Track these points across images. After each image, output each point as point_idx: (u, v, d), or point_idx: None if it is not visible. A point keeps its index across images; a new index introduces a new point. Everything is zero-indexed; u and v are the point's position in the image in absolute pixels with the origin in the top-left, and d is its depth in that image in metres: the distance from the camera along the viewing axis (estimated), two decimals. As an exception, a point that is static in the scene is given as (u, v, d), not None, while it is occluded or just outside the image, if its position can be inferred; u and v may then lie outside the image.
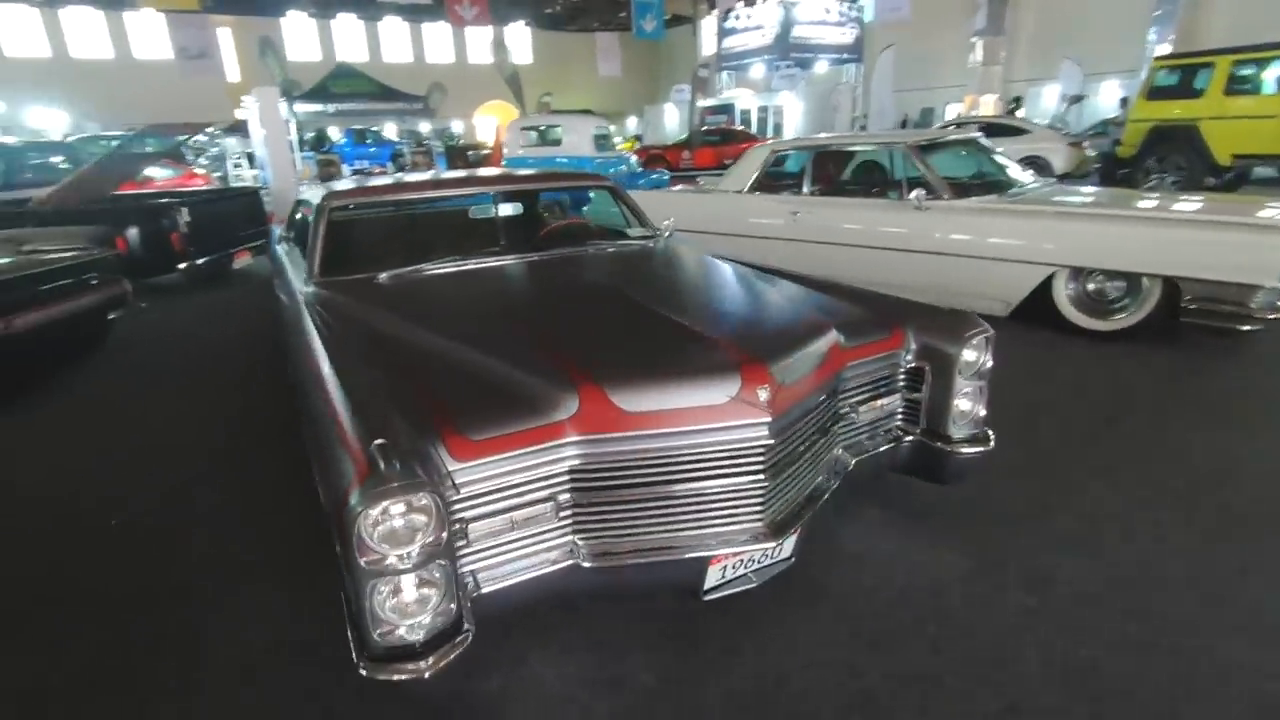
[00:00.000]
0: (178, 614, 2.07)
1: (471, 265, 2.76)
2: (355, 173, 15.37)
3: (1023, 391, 3.45)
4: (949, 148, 5.17)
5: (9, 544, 2.52)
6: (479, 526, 1.59)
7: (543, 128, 9.47)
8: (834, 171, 5.55)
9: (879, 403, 2.22)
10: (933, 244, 4.59)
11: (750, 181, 5.71)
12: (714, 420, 1.67)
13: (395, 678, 1.37)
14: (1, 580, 2.30)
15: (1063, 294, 4.33)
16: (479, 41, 32.56)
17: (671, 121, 21.34)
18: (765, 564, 1.89)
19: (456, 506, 1.54)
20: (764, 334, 2.02)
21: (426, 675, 1.38)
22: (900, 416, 2.28)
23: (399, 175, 4.91)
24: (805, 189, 5.38)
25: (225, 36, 27.76)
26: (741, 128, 18.19)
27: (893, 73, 15.37)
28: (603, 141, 9.39)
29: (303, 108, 13.16)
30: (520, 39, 33.83)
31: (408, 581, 1.40)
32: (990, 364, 2.23)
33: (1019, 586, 2.06)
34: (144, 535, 2.52)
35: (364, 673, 1.37)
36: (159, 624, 2.03)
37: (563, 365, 1.74)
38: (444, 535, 1.40)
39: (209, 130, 17.33)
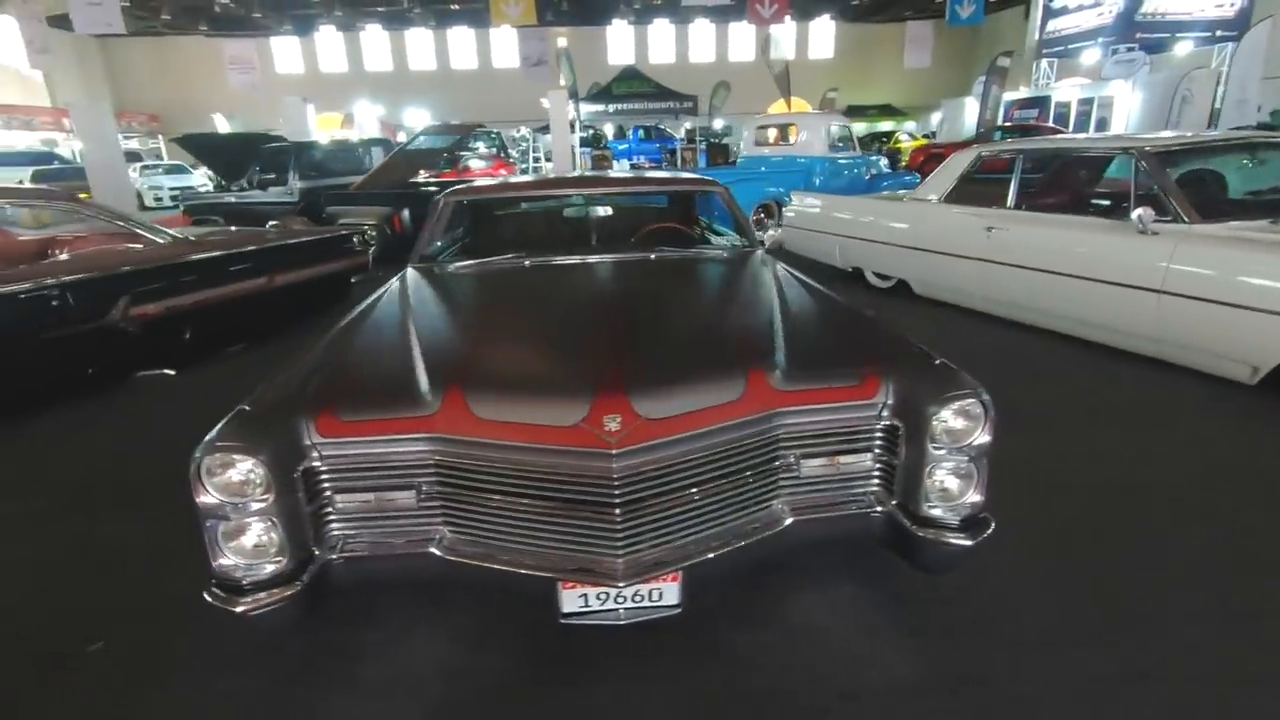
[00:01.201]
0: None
1: (530, 262, 2.96)
2: (633, 168, 16.67)
3: (1235, 495, 2.58)
4: (1220, 154, 3.93)
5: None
6: (347, 499, 1.77)
7: (777, 126, 9.27)
8: (1051, 181, 4.59)
9: (841, 459, 1.89)
10: (1155, 278, 3.57)
11: (948, 190, 4.99)
12: (560, 442, 1.63)
13: (218, 604, 1.63)
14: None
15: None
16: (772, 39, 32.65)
17: (974, 116, 19.08)
18: (640, 605, 1.78)
19: (324, 477, 1.74)
20: (661, 362, 1.86)
21: (239, 610, 1.61)
22: (877, 482, 1.92)
23: (523, 176, 5.34)
24: (1008, 201, 4.55)
25: (562, 46, 32.15)
26: (1052, 125, 15.56)
27: (1265, 51, 11.70)
28: (841, 141, 8.87)
29: (587, 108, 14.67)
30: (823, 34, 33.08)
31: (248, 529, 1.65)
32: (987, 440, 1.76)
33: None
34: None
35: (206, 595, 1.66)
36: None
37: (447, 365, 1.84)
38: (273, 496, 1.61)
39: (523, 128, 20.28)
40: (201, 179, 18.08)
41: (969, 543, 1.77)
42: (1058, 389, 3.62)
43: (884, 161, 10.29)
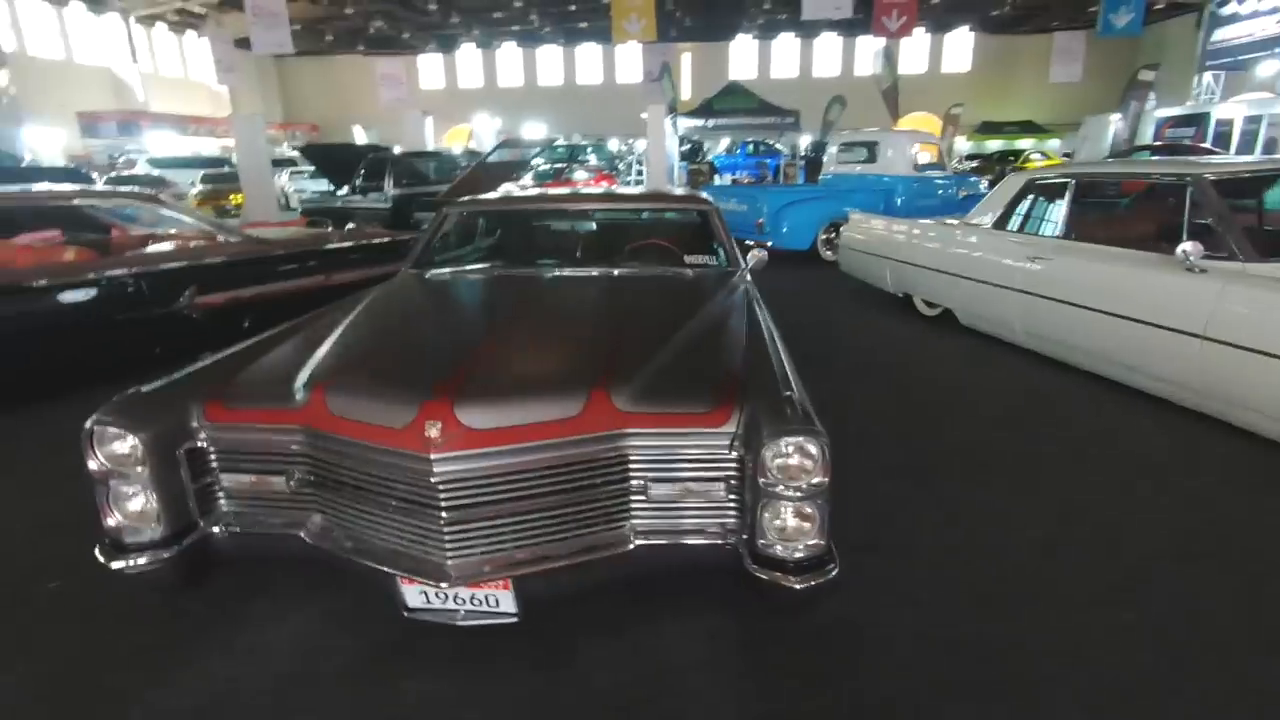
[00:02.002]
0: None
1: (497, 273, 3.11)
2: (733, 182, 16.60)
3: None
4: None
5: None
6: (232, 479, 1.97)
7: (859, 144, 8.93)
8: (1104, 209, 4.15)
9: (693, 487, 1.85)
10: (1197, 322, 3.15)
11: (998, 215, 4.64)
12: (389, 443, 1.73)
13: (102, 559, 1.86)
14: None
15: None
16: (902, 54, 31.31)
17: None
18: (478, 609, 1.84)
19: (211, 456, 1.94)
20: (504, 375, 1.92)
21: (115, 565, 1.83)
22: (732, 513, 1.86)
23: (526, 189, 5.49)
24: (1056, 229, 4.16)
25: (687, 61, 32.60)
26: (1207, 146, 13.82)
27: None
28: (928, 160, 8.40)
29: (688, 123, 14.79)
30: (960, 46, 31.33)
31: (131, 496, 1.86)
32: (823, 481, 1.67)
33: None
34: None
35: (96, 551, 1.89)
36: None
37: (330, 365, 2.00)
38: (149, 470, 1.82)
39: (630, 140, 20.73)
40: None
41: (797, 586, 1.69)
42: (1069, 439, 3.28)
43: (985, 182, 9.63)
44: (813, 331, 5.43)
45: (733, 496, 1.83)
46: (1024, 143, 29.21)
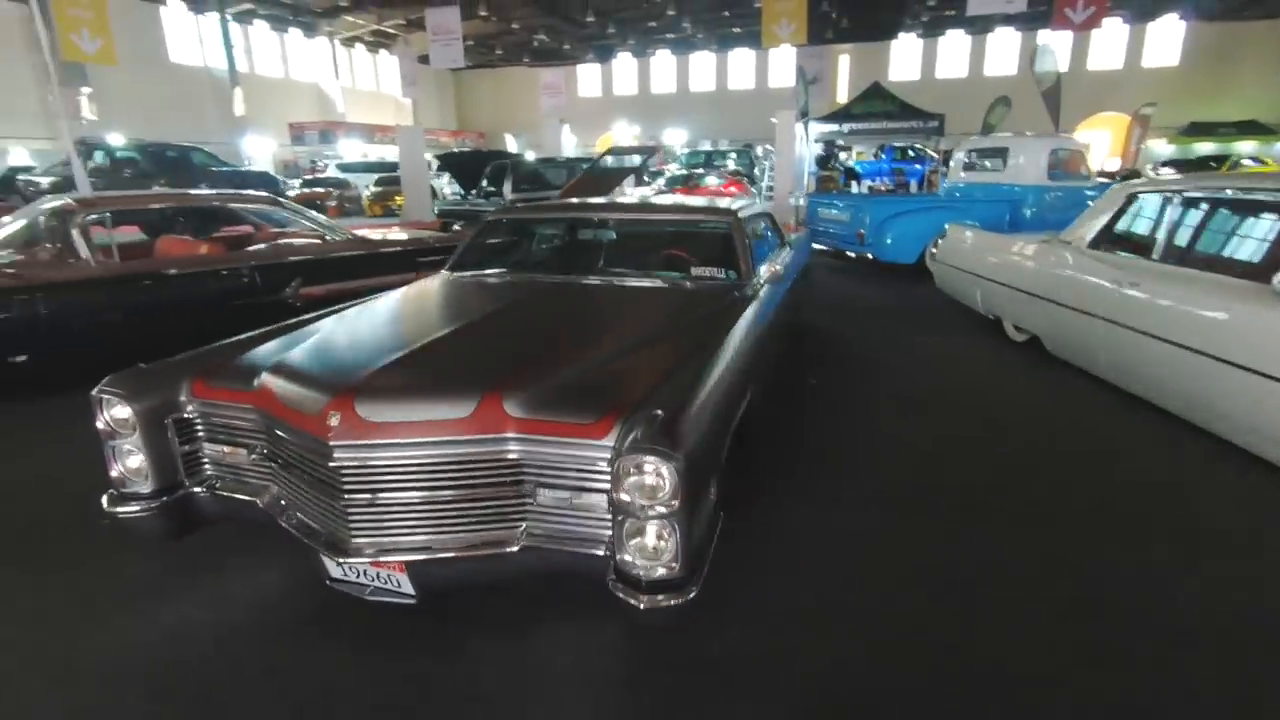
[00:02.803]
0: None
1: (512, 278, 3.28)
2: (869, 189, 15.86)
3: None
4: None
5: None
6: (213, 448, 2.28)
7: (988, 150, 8.17)
8: (1211, 230, 3.53)
9: (576, 497, 1.88)
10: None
11: (1094, 233, 4.11)
12: (303, 427, 1.93)
13: (104, 505, 2.22)
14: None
15: None
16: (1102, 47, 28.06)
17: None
18: (383, 587, 2.01)
19: (197, 427, 2.27)
20: (408, 375, 2.04)
21: (108, 509, 2.18)
22: (609, 526, 1.87)
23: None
24: (1154, 251, 3.62)
25: (844, 63, 31.52)
26: None
27: None
28: (1062, 168, 7.52)
29: (822, 128, 14.28)
30: (1165, 36, 27.53)
31: (128, 454, 2.21)
32: (675, 504, 1.64)
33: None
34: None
35: (103, 498, 2.26)
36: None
37: (292, 354, 2.25)
38: (138, 434, 2.16)
39: (765, 147, 20.37)
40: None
41: (642, 605, 1.68)
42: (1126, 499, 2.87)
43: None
44: (880, 350, 5.12)
45: (611, 509, 1.85)
46: (1245, 145, 25.20)
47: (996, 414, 3.82)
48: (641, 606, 1.68)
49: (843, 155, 19.22)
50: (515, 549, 1.90)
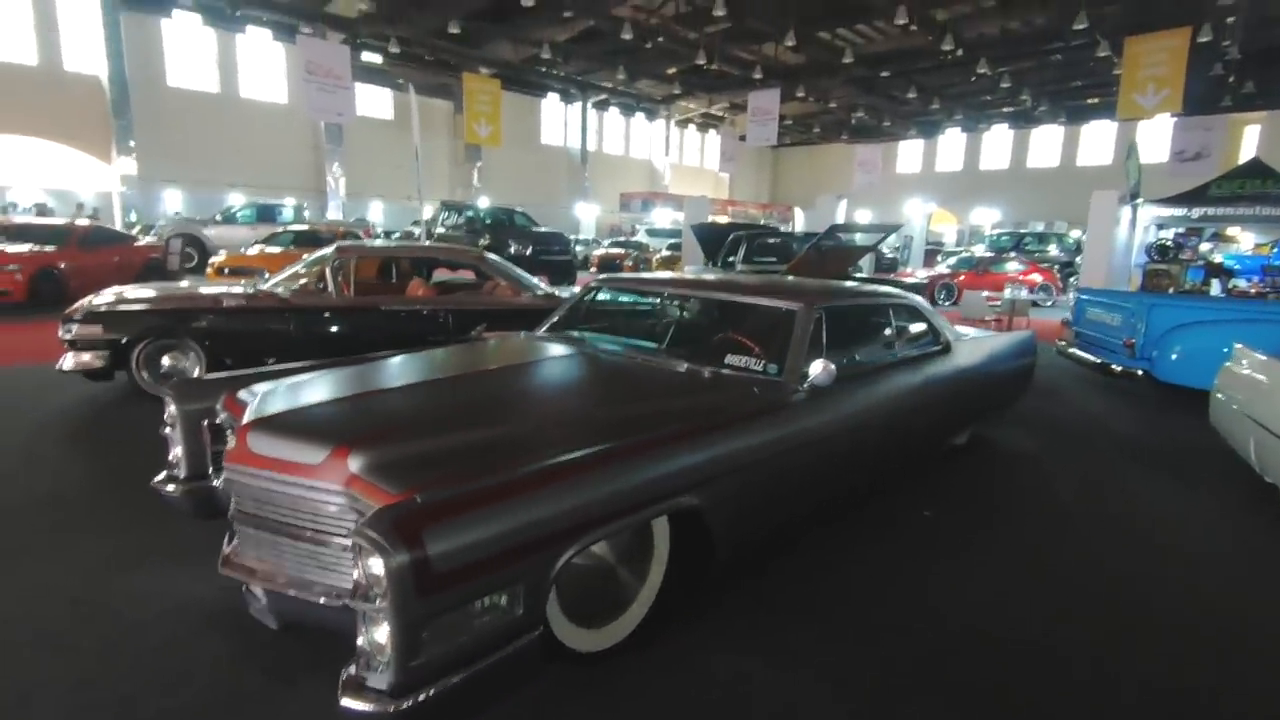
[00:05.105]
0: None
1: (565, 348, 3.29)
2: (1227, 291, 12.41)
3: None
4: None
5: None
6: (234, 450, 2.72)
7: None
8: None
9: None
10: None
11: None
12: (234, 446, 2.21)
13: (153, 481, 2.77)
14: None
15: None
16: None
17: None
18: (261, 606, 2.19)
19: (227, 432, 2.73)
20: (312, 418, 2.23)
21: (153, 483, 2.71)
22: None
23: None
24: None
25: (1251, 135, 25.44)
26: None
27: None
28: None
29: (1160, 212, 11.49)
30: None
31: (175, 445, 2.73)
32: (389, 606, 1.48)
33: None
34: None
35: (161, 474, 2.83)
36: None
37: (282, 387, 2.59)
38: (177, 430, 2.67)
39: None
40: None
41: (340, 698, 1.53)
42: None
43: None
44: (1069, 492, 3.90)
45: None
46: None
47: (1243, 650, 2.48)
48: (340, 700, 1.55)
49: (1205, 246, 15.30)
50: (319, 600, 1.93)
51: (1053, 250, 18.24)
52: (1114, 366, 5.94)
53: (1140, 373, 5.74)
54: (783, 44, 18.95)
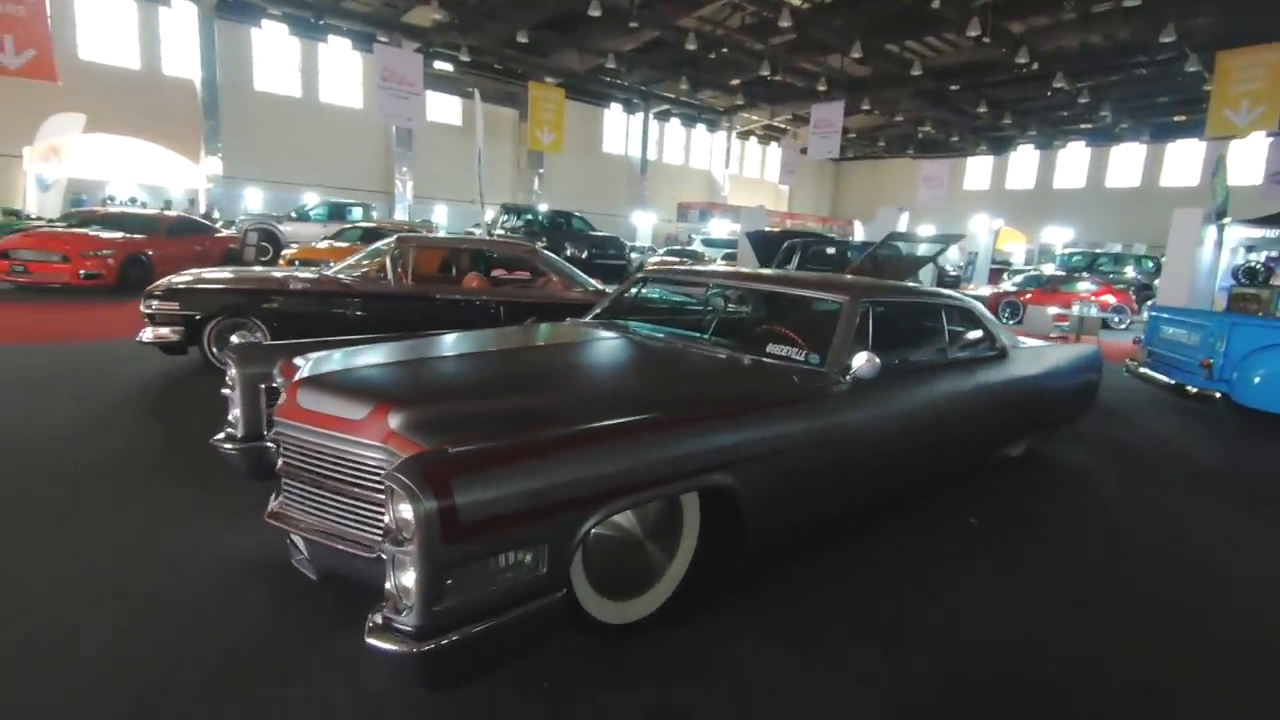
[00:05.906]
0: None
1: (620, 337, 3.31)
2: None
3: None
4: None
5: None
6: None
7: None
8: None
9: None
10: None
11: None
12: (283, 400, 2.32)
13: (213, 439, 2.91)
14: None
15: None
16: None
17: None
18: (304, 557, 2.29)
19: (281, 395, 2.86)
20: (362, 379, 2.29)
21: (212, 440, 2.86)
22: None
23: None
24: None
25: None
26: None
27: None
28: None
29: (1246, 232, 10.81)
30: None
31: (234, 407, 2.87)
32: (412, 549, 1.53)
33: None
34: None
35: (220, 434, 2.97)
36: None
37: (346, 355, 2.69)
38: (236, 393, 2.80)
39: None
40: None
41: (366, 637, 1.58)
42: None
43: None
44: (1123, 511, 3.69)
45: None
46: None
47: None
48: (367, 639, 1.60)
49: (1300, 271, 14.26)
50: (359, 552, 1.99)
51: (1129, 272, 17.38)
52: (1189, 388, 5.61)
53: (1218, 395, 5.40)
54: (849, 55, 18.74)
